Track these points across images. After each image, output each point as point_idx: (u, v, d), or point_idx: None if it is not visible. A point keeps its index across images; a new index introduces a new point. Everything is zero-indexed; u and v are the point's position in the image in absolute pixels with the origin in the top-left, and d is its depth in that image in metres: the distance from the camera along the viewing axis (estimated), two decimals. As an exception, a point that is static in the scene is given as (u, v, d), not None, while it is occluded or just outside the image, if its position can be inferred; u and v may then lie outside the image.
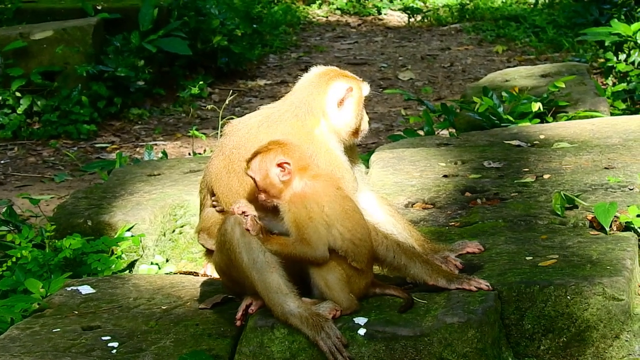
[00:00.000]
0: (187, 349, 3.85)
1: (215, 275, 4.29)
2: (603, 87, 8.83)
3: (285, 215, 3.81)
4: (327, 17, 15.16)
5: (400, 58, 12.33)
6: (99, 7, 10.37)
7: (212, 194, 4.13)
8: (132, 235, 5.13)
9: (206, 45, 10.62)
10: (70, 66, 9.31)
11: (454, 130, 7.33)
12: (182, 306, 4.26)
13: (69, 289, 4.46)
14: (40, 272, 4.89)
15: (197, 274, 5.08)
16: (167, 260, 5.26)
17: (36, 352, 3.86)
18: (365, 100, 4.16)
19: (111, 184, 5.89)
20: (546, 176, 5.27)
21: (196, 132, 7.93)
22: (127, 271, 5.10)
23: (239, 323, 3.95)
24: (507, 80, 8.26)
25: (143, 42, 9.85)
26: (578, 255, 4.15)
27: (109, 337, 3.96)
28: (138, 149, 8.72)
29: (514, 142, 6.07)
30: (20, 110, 9.08)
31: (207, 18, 10.64)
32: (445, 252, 4.23)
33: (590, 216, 4.62)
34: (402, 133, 7.49)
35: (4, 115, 9.11)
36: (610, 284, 3.86)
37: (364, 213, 3.92)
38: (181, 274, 5.11)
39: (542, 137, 6.15)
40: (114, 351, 3.86)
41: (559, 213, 4.67)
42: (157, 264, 5.17)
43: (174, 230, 5.38)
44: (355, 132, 4.11)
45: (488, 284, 3.91)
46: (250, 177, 3.85)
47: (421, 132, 7.57)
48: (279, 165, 3.80)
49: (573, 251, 4.20)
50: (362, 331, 3.72)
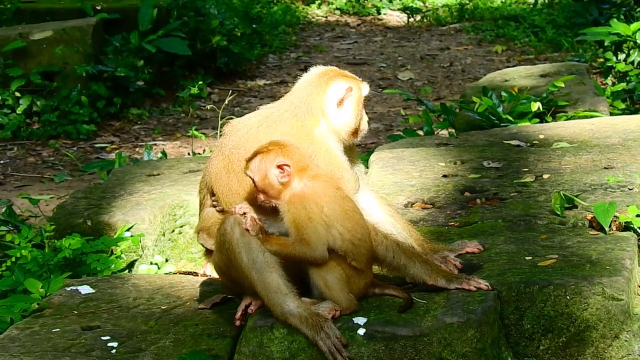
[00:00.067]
0: (187, 349, 3.85)
1: (215, 275, 4.28)
2: (602, 86, 8.82)
3: (285, 215, 3.81)
4: (327, 17, 15.15)
5: (400, 58, 12.32)
6: (98, 7, 10.36)
7: (212, 193, 4.13)
8: (132, 235, 5.13)
9: (205, 45, 10.62)
10: (70, 66, 9.30)
11: (454, 130, 7.32)
12: (182, 306, 4.25)
13: (68, 289, 4.46)
14: (40, 272, 4.89)
15: (196, 274, 5.08)
16: (167, 260, 5.26)
17: (36, 352, 3.85)
18: (365, 100, 4.15)
19: (110, 184, 5.88)
20: (545, 176, 5.26)
21: (195, 132, 7.93)
22: (127, 271, 5.10)
23: (238, 323, 3.94)
24: (506, 80, 8.26)
25: (142, 42, 9.84)
26: (577, 255, 4.14)
27: (108, 337, 3.96)
28: (137, 149, 8.71)
29: (514, 142, 6.06)
30: (19, 111, 9.08)
31: (206, 18, 10.64)
32: (444, 252, 4.23)
33: (589, 216, 4.61)
34: (401, 133, 7.48)
35: (4, 115, 9.10)
36: (610, 284, 3.86)
37: (363, 213, 3.92)
38: (181, 274, 5.10)
39: (541, 137, 6.14)
40: (114, 351, 3.86)
41: (559, 213, 4.67)
42: (156, 264, 5.17)
43: (173, 230, 5.38)
44: (355, 132, 4.11)
45: (487, 283, 3.91)
46: (250, 178, 3.85)
47: (420, 132, 7.57)
48: (279, 166, 3.79)
49: (572, 251, 4.19)
50: (361, 331, 3.71)
